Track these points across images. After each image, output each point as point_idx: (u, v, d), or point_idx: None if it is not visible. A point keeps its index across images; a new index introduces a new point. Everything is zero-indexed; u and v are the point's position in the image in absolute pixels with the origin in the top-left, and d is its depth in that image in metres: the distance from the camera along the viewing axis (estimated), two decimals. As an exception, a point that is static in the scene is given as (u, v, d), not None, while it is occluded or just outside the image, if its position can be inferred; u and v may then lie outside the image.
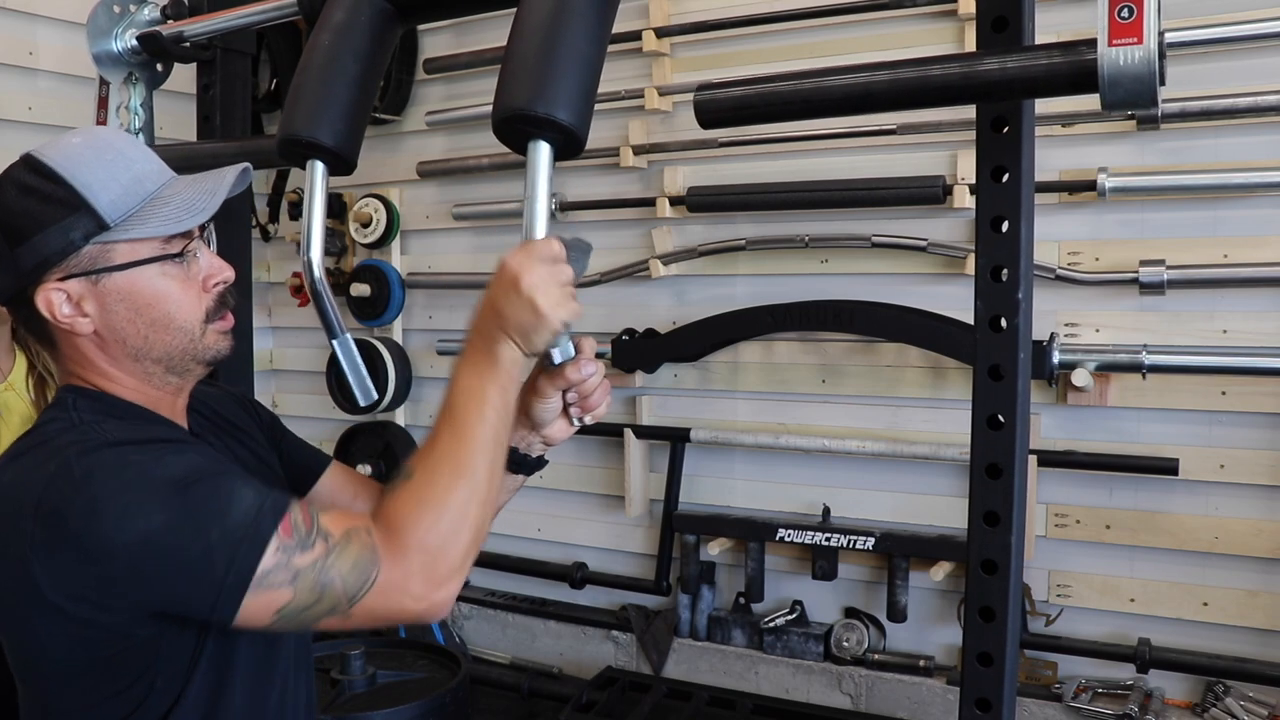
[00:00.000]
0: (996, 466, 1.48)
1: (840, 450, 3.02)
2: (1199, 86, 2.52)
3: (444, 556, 1.12)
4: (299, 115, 1.44)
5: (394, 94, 3.67)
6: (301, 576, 1.08)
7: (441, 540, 1.12)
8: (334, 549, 1.09)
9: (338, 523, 1.12)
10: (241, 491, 1.10)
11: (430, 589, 1.11)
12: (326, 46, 1.45)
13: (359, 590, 1.09)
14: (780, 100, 1.43)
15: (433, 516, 1.12)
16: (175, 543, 1.05)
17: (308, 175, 1.47)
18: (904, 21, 2.88)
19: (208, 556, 1.05)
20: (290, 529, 1.08)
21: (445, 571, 1.12)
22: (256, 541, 1.06)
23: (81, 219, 1.16)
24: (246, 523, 1.07)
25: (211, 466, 1.13)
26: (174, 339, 1.22)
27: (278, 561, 1.07)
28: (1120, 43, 1.15)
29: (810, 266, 3.07)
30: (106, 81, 2.18)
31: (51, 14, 3.22)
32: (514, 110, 1.23)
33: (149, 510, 1.05)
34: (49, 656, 1.12)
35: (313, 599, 1.09)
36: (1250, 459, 2.61)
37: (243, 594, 1.06)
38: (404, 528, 1.12)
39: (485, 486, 1.17)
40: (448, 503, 1.13)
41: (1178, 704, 2.72)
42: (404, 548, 1.11)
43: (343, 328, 1.54)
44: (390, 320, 3.76)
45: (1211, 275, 2.58)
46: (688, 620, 3.32)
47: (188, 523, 1.05)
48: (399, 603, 1.11)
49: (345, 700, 2.80)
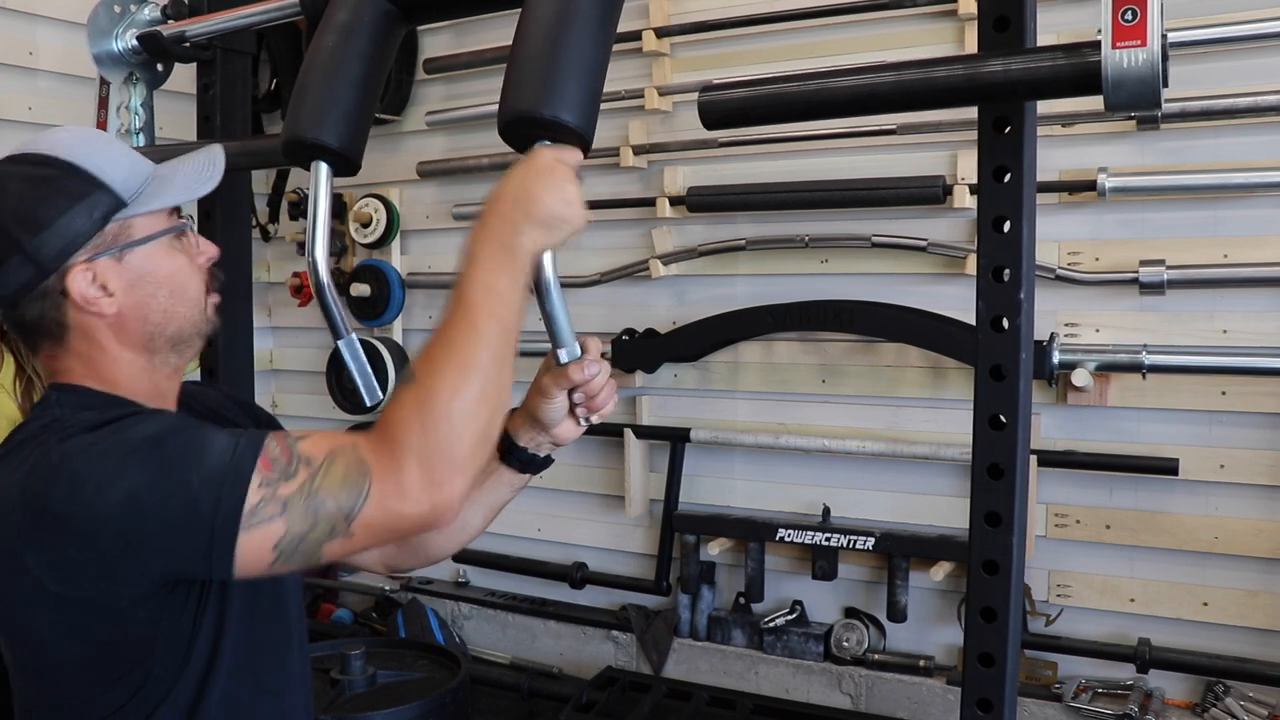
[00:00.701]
0: (998, 467, 1.48)
1: (840, 450, 3.02)
2: (1199, 86, 2.52)
3: (442, 456, 1.07)
4: (304, 117, 1.44)
5: (394, 94, 3.67)
6: (291, 505, 1.06)
7: (441, 440, 1.07)
8: (318, 471, 1.08)
9: (319, 445, 1.10)
10: (214, 437, 1.10)
11: (430, 490, 1.07)
12: (330, 48, 1.45)
13: (354, 505, 1.07)
14: (785, 102, 1.43)
15: (433, 416, 1.08)
16: (158, 498, 1.05)
17: (312, 176, 1.48)
18: (904, 21, 2.87)
19: (193, 504, 1.05)
20: (269, 462, 1.08)
21: (445, 471, 1.07)
22: (238, 480, 1.06)
23: (102, 197, 1.19)
24: (224, 463, 1.06)
25: (182, 423, 1.14)
26: (189, 310, 1.27)
27: (263, 496, 1.06)
28: (1124, 45, 1.15)
29: (810, 266, 3.07)
30: (107, 81, 2.18)
31: (51, 14, 3.22)
32: (520, 113, 1.24)
33: (126, 472, 1.05)
34: (49, 650, 1.12)
35: (308, 525, 1.07)
36: (1250, 459, 2.61)
37: (235, 535, 1.05)
38: (400, 431, 1.08)
39: (496, 384, 1.12)
40: (452, 401, 1.08)
41: (1178, 704, 2.72)
42: (399, 451, 1.07)
43: (348, 328, 1.54)
44: (390, 320, 3.76)
45: (1211, 275, 2.58)
46: (688, 620, 3.32)
47: (166, 476, 1.05)
48: (398, 509, 1.07)
49: (345, 700, 2.80)
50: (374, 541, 1.11)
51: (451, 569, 3.79)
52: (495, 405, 1.13)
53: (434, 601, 3.74)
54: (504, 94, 1.26)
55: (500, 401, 1.14)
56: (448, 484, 1.08)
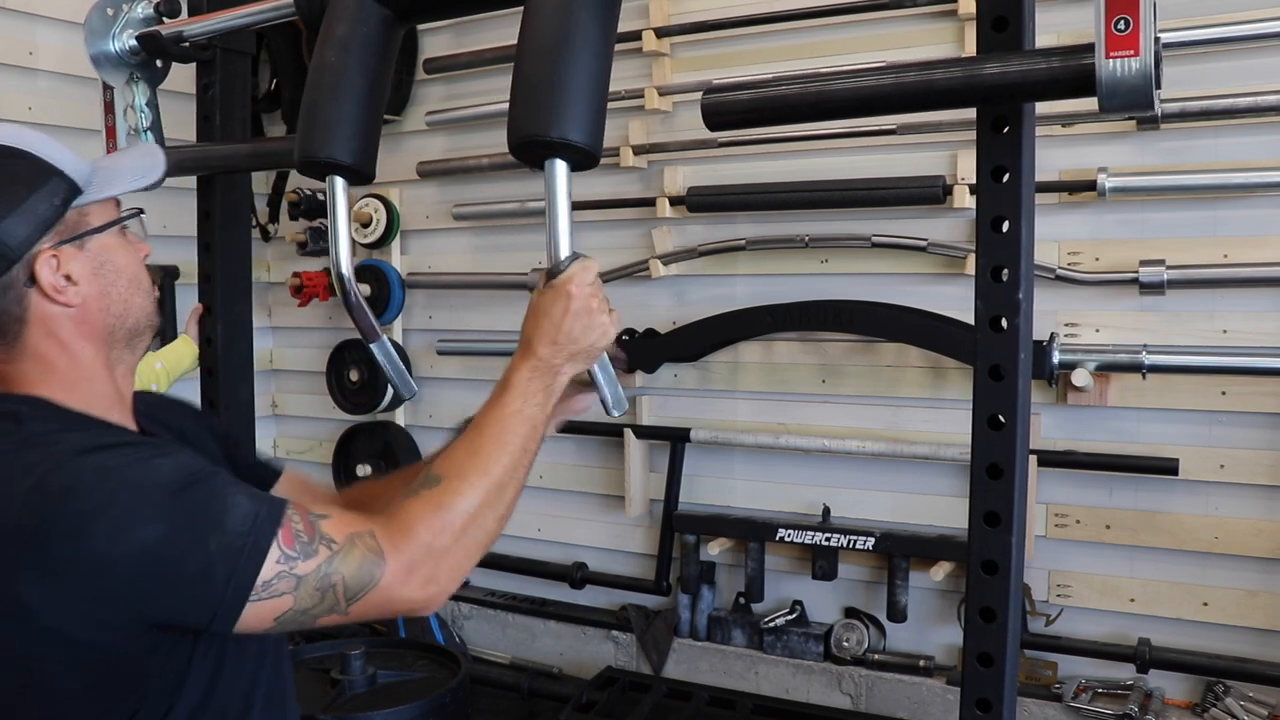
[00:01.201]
0: (997, 466, 1.48)
1: (840, 450, 3.02)
2: (1199, 86, 2.52)
3: (450, 559, 1.15)
4: (315, 136, 1.47)
5: (394, 94, 3.67)
6: (304, 583, 1.08)
7: (451, 543, 1.15)
8: (337, 554, 1.10)
9: (340, 527, 1.12)
10: (237, 497, 1.08)
11: (430, 585, 1.14)
12: (333, 64, 1.47)
13: (361, 589, 1.10)
14: (787, 103, 1.43)
15: (451, 521, 1.15)
16: (174, 554, 1.03)
17: (328, 190, 1.53)
18: (904, 21, 2.87)
19: (208, 569, 1.03)
20: (292, 537, 1.08)
21: (448, 571, 1.15)
22: (256, 553, 1.05)
23: (59, 184, 1.17)
24: (244, 531, 1.05)
25: (199, 468, 1.10)
26: (144, 301, 1.26)
27: (279, 571, 1.06)
28: (1117, 55, 1.16)
29: (810, 266, 3.07)
30: (110, 86, 2.18)
31: (51, 14, 3.22)
32: (529, 136, 1.27)
33: (143, 519, 1.02)
34: (38, 681, 1.08)
35: (314, 602, 1.09)
36: (1250, 459, 2.61)
37: (242, 606, 1.05)
38: (419, 528, 1.14)
39: (508, 506, 1.22)
40: (471, 512, 1.17)
41: (1178, 704, 2.72)
42: (414, 545, 1.13)
43: (378, 332, 1.61)
44: (390, 320, 3.76)
45: (1211, 275, 2.57)
46: (688, 620, 3.32)
47: (185, 532, 1.03)
48: (398, 595, 1.13)
49: (345, 700, 2.80)
50: (362, 619, 1.15)
51: (452, 569, 3.78)
52: (504, 520, 1.22)
53: (434, 601, 3.73)
54: (511, 116, 1.29)
55: (507, 519, 1.23)
56: (446, 582, 1.16)
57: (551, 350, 1.28)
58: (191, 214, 2.40)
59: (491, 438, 1.22)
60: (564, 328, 1.28)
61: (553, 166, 1.30)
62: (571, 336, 1.28)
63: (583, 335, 1.28)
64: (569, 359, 1.29)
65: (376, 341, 1.59)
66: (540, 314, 1.29)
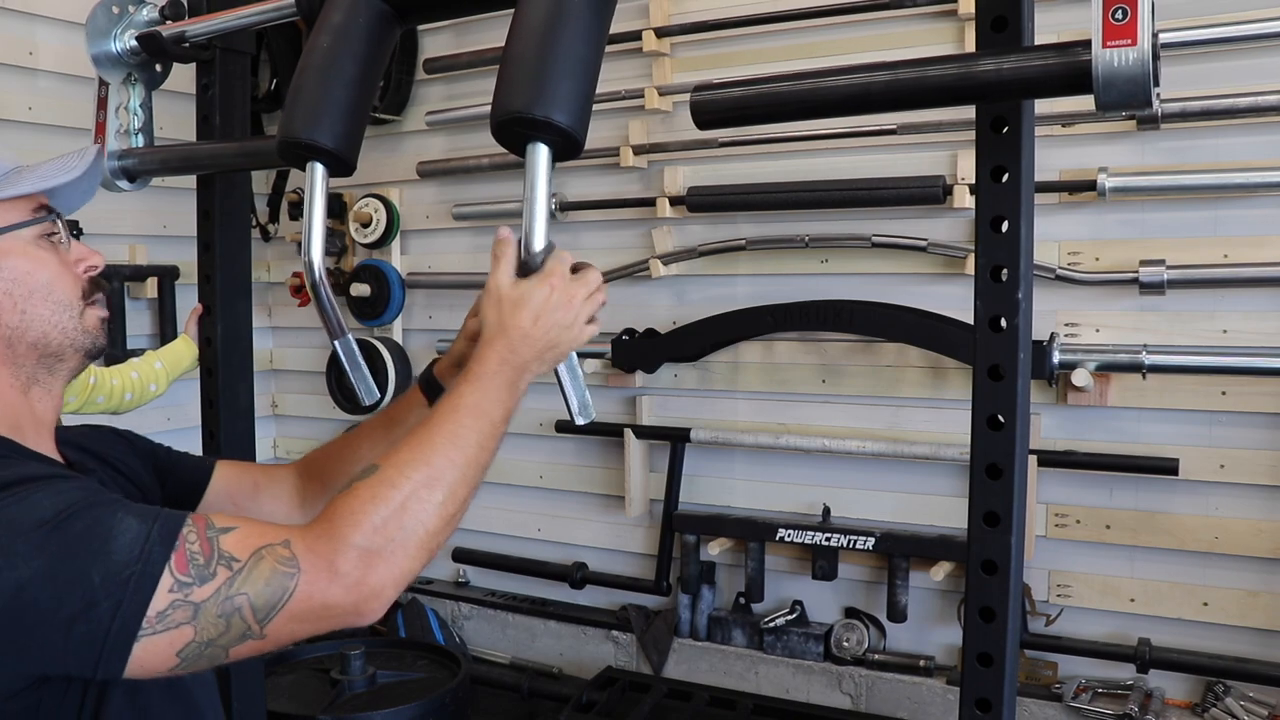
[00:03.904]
0: (997, 467, 1.48)
1: (840, 450, 3.02)
2: (1199, 86, 2.52)
3: (384, 559, 1.01)
4: (298, 117, 1.44)
5: (394, 94, 3.67)
6: (204, 610, 0.96)
7: (383, 542, 1.01)
8: (238, 573, 0.97)
9: (244, 541, 0.99)
10: (125, 521, 0.96)
11: (360, 587, 1.00)
12: (325, 48, 1.45)
13: (272, 608, 0.98)
14: (777, 101, 1.42)
15: (382, 515, 1.02)
16: (51, 593, 0.91)
17: (308, 177, 1.47)
18: (904, 21, 2.87)
19: (90, 606, 0.92)
20: (185, 561, 0.96)
21: (382, 571, 1.01)
22: (145, 580, 0.94)
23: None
24: (131, 558, 0.94)
25: (87, 497, 0.98)
26: (54, 313, 1.14)
27: (174, 600, 0.94)
28: (1114, 44, 1.15)
29: (810, 266, 3.07)
30: (106, 81, 2.18)
31: (51, 14, 3.22)
32: (512, 113, 1.23)
33: (16, 559, 0.91)
34: None
35: (218, 631, 0.97)
36: (1250, 459, 2.61)
37: (130, 645, 0.93)
38: (347, 524, 1.01)
39: (459, 504, 1.08)
40: (411, 504, 1.03)
41: (1178, 704, 2.72)
42: (334, 546, 1.00)
43: (344, 328, 1.53)
44: (390, 320, 3.76)
45: (1212, 275, 2.57)
46: (688, 620, 3.32)
47: (63, 568, 0.92)
48: (318, 606, 0.99)
49: (345, 700, 2.81)
50: (287, 640, 1.01)
51: (451, 569, 3.79)
52: (450, 521, 1.07)
53: (434, 601, 3.74)
54: (496, 94, 1.25)
55: (455, 520, 1.09)
56: (380, 585, 1.01)
57: (524, 342, 1.17)
58: (191, 214, 2.40)
59: (443, 431, 1.10)
60: (543, 318, 1.19)
61: (534, 151, 1.26)
62: (546, 328, 1.18)
63: (560, 329, 1.20)
64: (538, 355, 1.19)
65: (341, 339, 1.52)
66: (517, 302, 1.19)
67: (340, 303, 3.75)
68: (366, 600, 1.01)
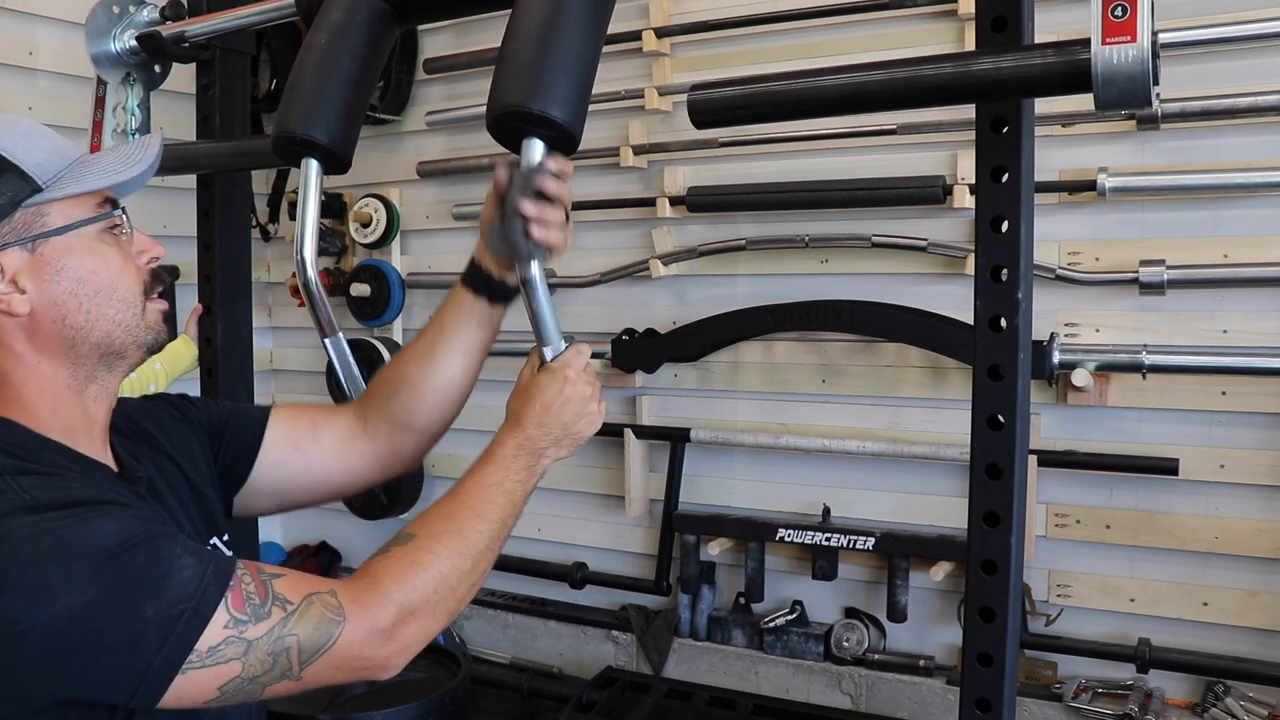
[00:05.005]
0: (997, 467, 1.48)
1: (840, 450, 3.02)
2: (1199, 86, 2.52)
3: (416, 621, 1.10)
4: (294, 113, 1.44)
5: (394, 94, 3.67)
6: (255, 648, 1.00)
7: (420, 604, 1.10)
8: (292, 614, 1.03)
9: (295, 586, 1.05)
10: (181, 560, 0.99)
11: (391, 644, 1.08)
12: (323, 46, 1.45)
13: (317, 651, 1.03)
14: (773, 100, 1.43)
15: (423, 580, 1.11)
16: (103, 622, 0.93)
17: (302, 173, 1.47)
18: (904, 21, 2.87)
19: (135, 639, 0.94)
20: (242, 599, 1.00)
21: (412, 634, 1.10)
22: (197, 619, 0.97)
23: (10, 181, 1.06)
24: (185, 596, 0.96)
25: (147, 529, 1.00)
26: (118, 312, 1.13)
27: (227, 636, 0.98)
28: (1113, 41, 1.15)
29: (810, 266, 3.07)
30: (104, 80, 2.18)
31: (51, 14, 3.22)
32: (508, 107, 1.24)
33: (74, 583, 0.92)
34: None
35: (264, 668, 1.01)
36: (1250, 459, 2.61)
37: (171, 676, 0.96)
38: (390, 584, 1.09)
39: (480, 576, 1.19)
40: (443, 573, 1.13)
41: (1178, 704, 2.72)
42: (377, 603, 1.07)
43: (335, 327, 1.54)
44: (390, 320, 3.76)
45: (1211, 275, 2.57)
46: (688, 620, 3.32)
47: (119, 599, 0.94)
48: (355, 658, 1.06)
49: (345, 700, 2.80)
50: (316, 685, 1.07)
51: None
52: (473, 589, 1.18)
53: (434, 601, 3.73)
54: (492, 88, 1.26)
55: (476, 588, 1.20)
56: (409, 643, 1.10)
57: (539, 431, 1.29)
58: (191, 214, 2.40)
59: (470, 506, 1.20)
60: (554, 411, 1.29)
61: (530, 146, 1.27)
62: (561, 421, 1.30)
63: (573, 422, 1.31)
64: (555, 442, 1.31)
65: (332, 337, 1.55)
66: (533, 394, 1.30)
67: (340, 303, 3.78)
68: (396, 654, 1.10)
